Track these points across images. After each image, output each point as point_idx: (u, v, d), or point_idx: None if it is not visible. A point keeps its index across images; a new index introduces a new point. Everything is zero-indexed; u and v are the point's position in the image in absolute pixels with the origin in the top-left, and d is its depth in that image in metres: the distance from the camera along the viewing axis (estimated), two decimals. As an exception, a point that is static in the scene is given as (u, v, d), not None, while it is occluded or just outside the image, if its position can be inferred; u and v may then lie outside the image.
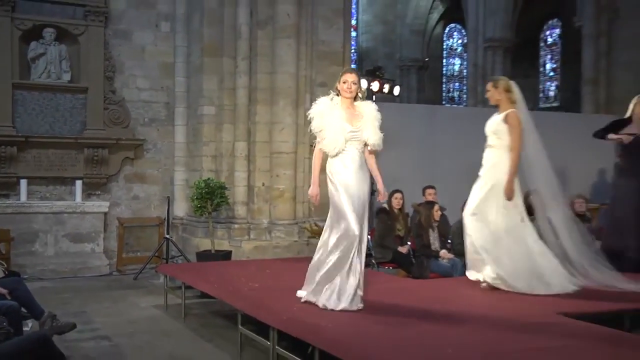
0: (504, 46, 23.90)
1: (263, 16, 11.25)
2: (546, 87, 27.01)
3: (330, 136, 6.02)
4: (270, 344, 5.81)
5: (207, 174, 11.39)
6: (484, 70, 23.85)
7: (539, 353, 4.70)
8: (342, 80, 6.17)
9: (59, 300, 8.83)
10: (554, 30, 26.73)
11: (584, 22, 19.86)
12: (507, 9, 23.71)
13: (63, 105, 11.64)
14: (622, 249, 8.60)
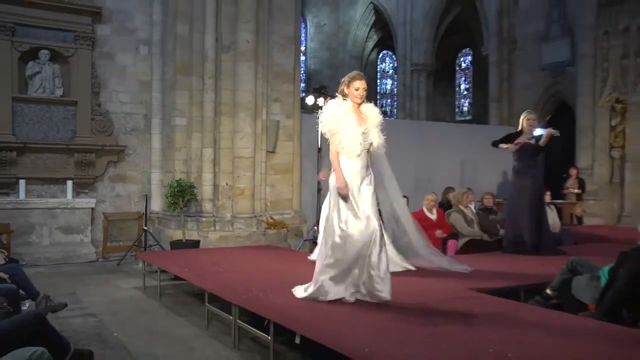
0: (426, 70, 24.13)
1: (227, 42, 11.27)
2: (461, 103, 27.31)
3: (349, 138, 5.54)
4: (233, 318, 5.81)
5: (179, 175, 11.42)
6: (411, 89, 24.13)
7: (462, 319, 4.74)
8: (354, 87, 5.66)
9: (53, 284, 8.72)
10: (466, 57, 27.03)
11: (490, 52, 20.14)
12: (429, 40, 23.93)
13: (56, 116, 11.54)
14: (519, 236, 8.83)
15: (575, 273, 6.23)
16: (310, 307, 5.29)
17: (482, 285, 6.46)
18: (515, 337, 4.39)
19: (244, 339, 5.84)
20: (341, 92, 5.81)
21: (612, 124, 15.57)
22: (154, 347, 5.82)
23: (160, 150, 12.29)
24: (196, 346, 5.85)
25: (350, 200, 5.44)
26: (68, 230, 11.38)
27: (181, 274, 7.51)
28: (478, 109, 24.86)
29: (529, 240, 8.73)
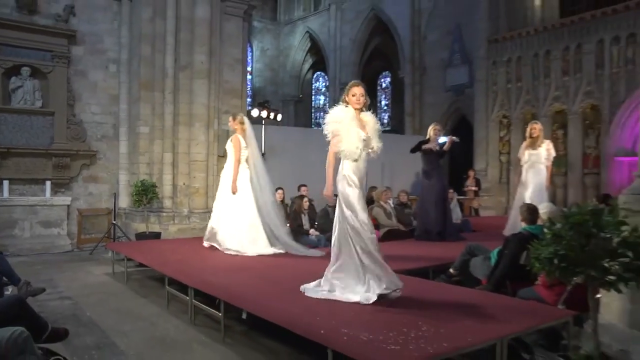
0: (353, 88, 24.27)
1: (184, 62, 11.20)
2: (382, 116, 27.54)
3: (352, 142, 5.03)
4: (189, 298, 5.77)
5: (142, 177, 11.28)
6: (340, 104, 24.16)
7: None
8: (352, 93, 5.17)
9: (33, 271, 8.46)
10: (386, 79, 27.32)
11: (405, 75, 20.50)
12: (355, 63, 24.11)
13: (36, 124, 11.22)
14: (428, 226, 9.11)
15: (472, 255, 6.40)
16: (254, 288, 5.33)
17: (398, 267, 6.53)
18: (424, 308, 4.49)
19: (198, 316, 5.79)
20: (343, 100, 5.30)
21: (501, 135, 16.09)
22: (122, 324, 5.72)
23: (127, 154, 12.05)
24: (158, 322, 5.78)
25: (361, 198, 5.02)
26: (47, 224, 11.08)
27: (145, 261, 7.43)
28: (396, 122, 25.17)
29: (436, 229, 9.00)
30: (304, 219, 9.76)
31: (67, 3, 11.44)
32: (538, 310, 4.61)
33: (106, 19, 11.95)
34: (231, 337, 5.19)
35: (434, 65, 19.38)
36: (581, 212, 3.34)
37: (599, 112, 13.78)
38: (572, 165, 14.32)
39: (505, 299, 5.02)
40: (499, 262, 5.71)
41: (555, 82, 14.55)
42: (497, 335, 3.83)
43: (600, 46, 13.59)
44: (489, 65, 16.17)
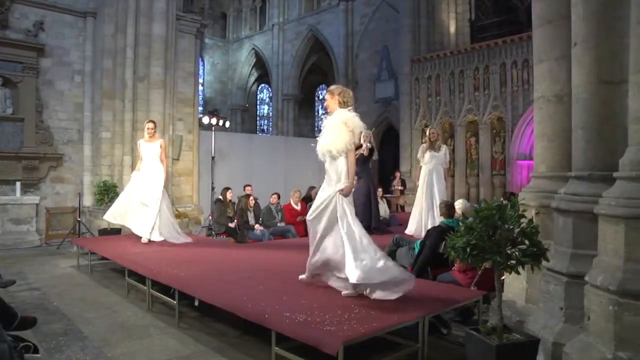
0: (293, 99, 24.30)
1: (142, 74, 11.01)
2: (319, 124, 27.56)
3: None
4: (147, 288, 5.70)
5: (104, 177, 11.08)
6: (282, 113, 24.21)
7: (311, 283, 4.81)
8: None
9: (4, 264, 8.18)
10: (323, 91, 27.38)
11: (341, 87, 20.60)
12: (296, 77, 24.13)
13: (7, 130, 10.80)
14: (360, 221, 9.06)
15: (398, 246, 6.55)
16: (204, 279, 5.30)
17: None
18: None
19: (155, 304, 5.72)
20: (346, 104, 4.68)
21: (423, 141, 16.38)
22: (86, 312, 5.59)
23: (90, 157, 11.72)
24: (119, 310, 5.68)
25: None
26: (17, 221, 10.68)
27: (107, 255, 7.25)
28: (331, 129, 25.33)
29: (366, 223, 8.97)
30: (249, 216, 9.75)
31: (37, 19, 11.11)
32: (454, 291, 4.77)
33: (72, 35, 11.60)
34: (185, 322, 5.15)
35: (365, 80, 19.63)
36: (489, 207, 3.48)
37: (504, 122, 14.36)
38: (483, 168, 14.81)
39: (427, 283, 5.16)
40: (421, 252, 5.87)
41: (468, 97, 15.04)
42: (419, 314, 3.94)
43: (503, 68, 14.24)
44: (412, 81, 16.53)
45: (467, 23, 16.42)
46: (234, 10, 27.63)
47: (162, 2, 11.03)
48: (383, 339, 4.16)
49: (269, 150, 14.10)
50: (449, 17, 16.52)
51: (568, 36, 4.06)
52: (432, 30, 16.47)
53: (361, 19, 19.91)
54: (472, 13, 16.28)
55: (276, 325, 3.72)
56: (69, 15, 11.54)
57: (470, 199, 14.20)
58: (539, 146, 4.68)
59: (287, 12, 24.23)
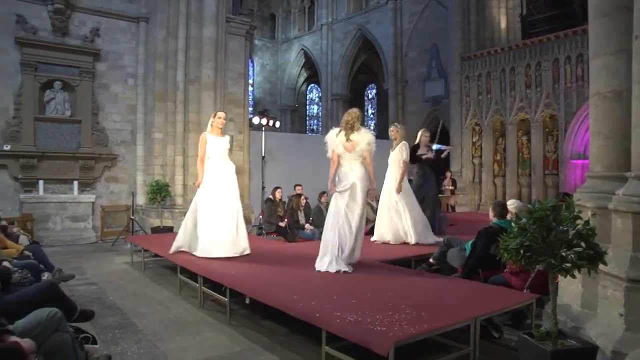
0: (343, 99, 24.30)
1: (193, 76, 11.23)
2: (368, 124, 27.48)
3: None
4: (199, 285, 5.80)
5: (157, 177, 11.34)
6: (331, 113, 24.24)
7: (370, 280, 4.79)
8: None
9: (64, 260, 8.49)
10: (372, 90, 27.35)
11: (389, 87, 20.49)
12: (345, 77, 24.12)
13: (65, 131, 11.34)
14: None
15: (449, 247, 6.43)
16: (255, 277, 5.34)
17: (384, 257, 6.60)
18: (407, 294, 4.53)
19: (207, 301, 5.82)
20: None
21: (473, 140, 16.14)
22: (140, 306, 5.76)
23: (143, 157, 12.09)
24: (171, 306, 5.82)
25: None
26: (75, 219, 11.16)
27: (159, 252, 7.40)
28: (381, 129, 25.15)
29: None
30: (300, 215, 9.80)
31: (94, 26, 11.60)
32: (506, 294, 4.66)
33: (126, 39, 12.04)
34: (236, 320, 5.22)
35: (414, 79, 19.43)
36: (543, 208, 3.38)
37: (557, 120, 13.91)
38: (535, 167, 14.40)
39: (478, 285, 5.07)
40: (472, 253, 5.75)
41: (519, 95, 14.65)
42: (471, 316, 3.87)
43: (556, 64, 13.78)
44: (462, 79, 16.25)
45: (518, 18, 16.00)
46: (283, 11, 27.87)
47: (212, 5, 11.23)
48: (433, 341, 4.11)
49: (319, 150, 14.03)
50: (500, 13, 16.14)
51: (628, 29, 3.89)
52: (482, 26, 16.14)
53: (410, 17, 19.71)
54: (524, 8, 15.85)
55: (327, 324, 3.72)
56: (123, 20, 11.97)
57: (522, 199, 13.83)
58: (595, 145, 4.50)
59: (336, 12, 24.25)
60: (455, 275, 5.75)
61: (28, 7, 10.84)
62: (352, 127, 5.99)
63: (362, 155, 5.98)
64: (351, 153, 5.95)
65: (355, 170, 5.90)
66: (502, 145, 15.49)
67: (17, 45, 10.68)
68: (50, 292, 4.11)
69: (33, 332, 3.12)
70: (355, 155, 5.95)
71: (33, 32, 10.87)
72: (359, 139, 5.92)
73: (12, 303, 3.85)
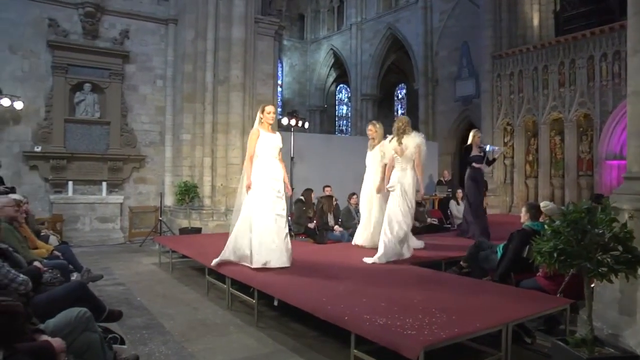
0: (372, 99, 24.21)
1: (222, 77, 11.29)
2: (397, 124, 27.43)
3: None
4: (227, 286, 5.83)
5: (185, 178, 11.42)
6: (361, 113, 24.17)
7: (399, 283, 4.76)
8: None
9: (92, 260, 8.64)
10: (402, 90, 27.15)
11: (419, 87, 20.34)
12: (374, 77, 24.02)
13: (95, 133, 11.51)
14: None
15: (480, 249, 6.36)
16: (284, 278, 5.34)
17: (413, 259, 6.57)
18: (438, 297, 4.49)
19: (235, 302, 5.84)
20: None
21: (505, 141, 15.89)
22: (167, 308, 5.82)
23: (171, 159, 12.20)
24: (199, 307, 5.87)
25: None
26: (103, 219, 11.34)
27: (187, 253, 7.51)
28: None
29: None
30: (329, 217, 9.78)
31: (123, 28, 11.77)
32: (539, 298, 4.57)
33: (155, 41, 12.18)
34: (263, 322, 5.23)
35: (444, 78, 19.25)
36: (577, 210, 3.31)
37: (591, 120, 13.59)
38: (568, 168, 14.11)
39: (510, 289, 5.00)
40: (504, 256, 5.67)
41: (552, 93, 14.37)
42: (502, 321, 3.82)
43: (590, 62, 13.45)
44: (494, 78, 16.02)
45: (551, 15, 15.68)
46: (312, 11, 27.90)
47: (241, 6, 11.31)
48: (464, 346, 4.06)
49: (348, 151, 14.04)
50: (532, 10, 15.83)
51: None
52: (514, 24, 15.87)
53: (440, 15, 19.54)
54: (557, 4, 15.54)
55: (356, 327, 3.71)
56: (151, 22, 12.12)
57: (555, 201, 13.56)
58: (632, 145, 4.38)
59: (365, 11, 24.16)
60: (487, 279, 5.68)
61: (59, 10, 11.08)
62: (403, 132, 6.72)
63: (412, 159, 6.65)
64: (402, 157, 6.66)
65: (406, 172, 6.61)
66: (534, 146, 15.21)
67: (48, 48, 10.91)
68: (79, 292, 4.19)
69: (63, 332, 3.19)
70: (406, 159, 6.66)
71: (64, 35, 11.08)
72: (408, 143, 6.62)
73: (43, 303, 3.94)
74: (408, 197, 6.55)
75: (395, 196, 6.56)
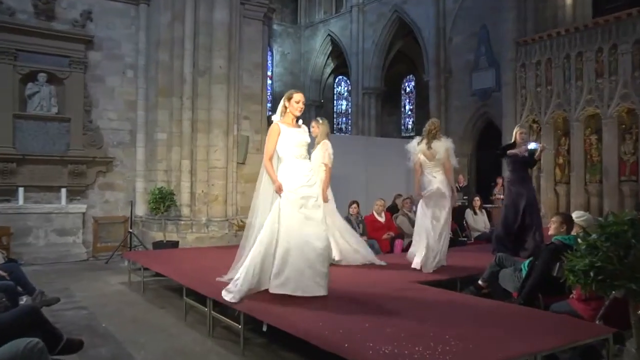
0: (376, 93, 24.26)
1: (202, 67, 11.28)
2: (406, 122, 27.51)
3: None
4: (208, 309, 5.79)
5: (160, 184, 11.37)
6: (362, 109, 24.23)
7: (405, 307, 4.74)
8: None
9: (47, 280, 8.56)
10: (410, 83, 27.24)
11: (430, 79, 20.38)
12: (378, 67, 24.07)
13: (52, 131, 11.37)
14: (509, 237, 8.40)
15: (502, 266, 6.33)
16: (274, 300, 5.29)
17: (424, 278, 6.55)
18: (452, 322, 4.45)
19: (217, 328, 5.80)
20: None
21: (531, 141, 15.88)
22: (138, 335, 5.76)
23: (144, 161, 12.17)
24: (175, 334, 5.81)
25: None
26: (62, 232, 11.21)
27: (162, 271, 7.47)
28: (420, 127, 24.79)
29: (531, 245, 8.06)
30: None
31: (85, 8, 11.67)
32: (573, 325, 4.52)
33: (123, 24, 12.13)
34: (251, 350, 5.18)
35: (459, 69, 19.27)
36: (618, 221, 3.27)
37: (636, 116, 13.51)
38: (608, 172, 14.06)
39: (538, 313, 4.95)
40: (530, 274, 5.63)
41: (588, 85, 14.34)
42: (528, 351, 3.76)
43: (637, 47, 13.33)
44: (517, 68, 16.01)
45: (588, -9, 15.71)
46: (306, -9, 28.04)
47: (224, -16, 11.32)
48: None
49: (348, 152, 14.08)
50: (564, -13, 15.89)
51: None
52: (541, 4, 15.84)
53: (455, -5, 19.60)
54: (595, -21, 15.54)
55: (358, 356, 3.68)
56: (119, 2, 12.06)
57: (591, 210, 13.54)
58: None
59: (368, -9, 24.28)
60: (510, 301, 5.64)
61: (2, -16, 10.87)
62: (434, 136, 7.35)
63: (442, 163, 7.28)
64: (432, 161, 7.26)
65: (438, 177, 7.21)
66: (565, 146, 15.20)
67: (-11, 29, 10.71)
68: (29, 319, 4.12)
69: (7, 368, 3.12)
70: (436, 163, 7.26)
71: (10, 14, 10.87)
72: (438, 148, 7.23)
73: (-18, 333, 3.86)
74: (447, 202, 7.21)
75: (435, 202, 7.18)
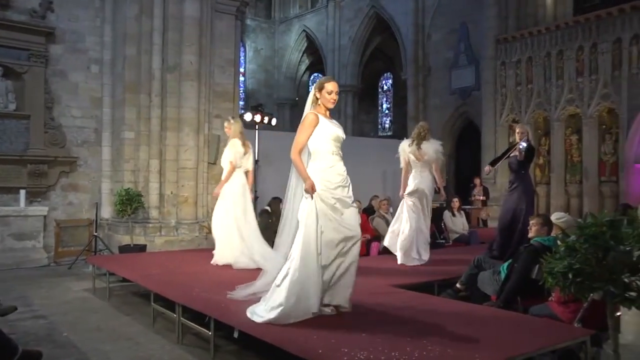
0: (352, 91, 24.36)
1: (172, 63, 11.19)
2: (383, 121, 27.67)
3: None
4: (177, 316, 5.74)
5: (127, 185, 11.24)
6: (338, 107, 24.22)
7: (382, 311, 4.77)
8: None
9: (3, 288, 8.37)
10: (387, 81, 27.41)
11: (408, 76, 20.55)
12: (355, 64, 24.19)
13: (9, 129, 11.11)
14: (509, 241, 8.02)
15: (480, 269, 6.39)
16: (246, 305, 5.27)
17: (401, 281, 6.57)
18: (430, 326, 4.48)
19: (186, 335, 5.76)
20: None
21: (510, 141, 16.06)
22: (102, 344, 5.68)
23: (110, 161, 12.01)
24: (142, 342, 5.75)
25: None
26: (20, 236, 10.97)
27: (129, 276, 7.38)
28: (398, 126, 25.21)
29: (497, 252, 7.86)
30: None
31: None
32: (552, 328, 4.58)
33: (88, 16, 11.94)
34: (221, 358, 5.17)
35: (438, 66, 19.46)
36: (597, 223, 3.32)
37: (616, 116, 13.78)
38: (588, 173, 14.30)
39: (517, 316, 5.01)
40: (509, 277, 5.69)
41: (568, 84, 14.58)
42: (507, 355, 3.80)
43: (617, 45, 13.61)
44: (497, 66, 16.22)
45: (569, -11, 15.95)
46: (281, -15, 28.04)
47: (195, -23, 11.27)
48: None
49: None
50: (545, -16, 16.12)
51: None
52: (523, 1, 16.09)
53: (434, -10, 19.74)
54: (576, -23, 15.80)
55: (331, 363, 3.68)
56: (83, -8, 11.87)
57: (571, 211, 13.73)
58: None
59: (344, -15, 24.35)
60: (488, 304, 5.70)
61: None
62: (423, 138, 7.99)
63: (430, 164, 8.00)
64: (420, 162, 7.95)
65: (424, 177, 8.00)
66: (545, 147, 15.43)
67: None
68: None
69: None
70: (424, 164, 7.97)
71: (-43, 1, 10.64)
72: (427, 149, 7.91)
73: None
74: (427, 200, 8.12)
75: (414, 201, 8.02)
